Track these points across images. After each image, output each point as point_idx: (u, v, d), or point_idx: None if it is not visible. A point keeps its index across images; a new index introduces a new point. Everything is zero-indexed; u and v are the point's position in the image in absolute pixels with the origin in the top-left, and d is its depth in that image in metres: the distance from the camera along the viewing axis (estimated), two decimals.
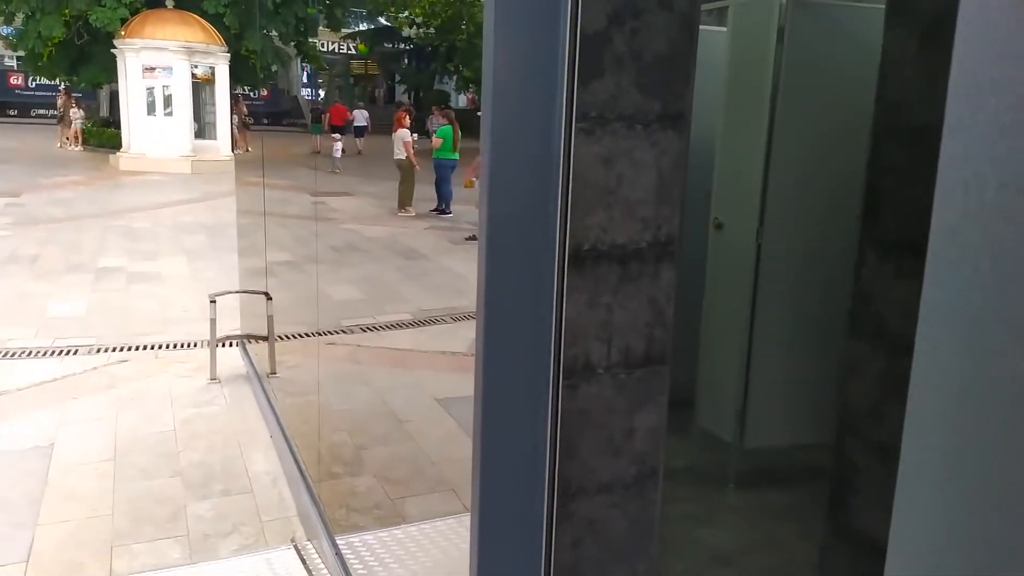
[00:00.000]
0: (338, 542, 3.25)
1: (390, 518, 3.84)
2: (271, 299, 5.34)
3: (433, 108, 22.97)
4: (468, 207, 13.71)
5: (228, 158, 17.96)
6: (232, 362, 5.65)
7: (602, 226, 1.90)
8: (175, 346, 6.07)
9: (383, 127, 21.37)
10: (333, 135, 21.23)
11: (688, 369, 3.51)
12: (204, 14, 17.46)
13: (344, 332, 6.38)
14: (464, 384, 5.14)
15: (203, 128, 18.01)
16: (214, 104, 17.88)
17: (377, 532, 3.53)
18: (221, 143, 18.08)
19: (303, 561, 3.29)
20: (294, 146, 19.42)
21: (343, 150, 21.03)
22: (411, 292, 7.89)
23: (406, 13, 28.58)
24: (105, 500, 3.76)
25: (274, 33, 20.24)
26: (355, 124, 25.98)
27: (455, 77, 31.81)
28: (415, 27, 30.45)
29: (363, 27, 34.90)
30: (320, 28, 26.26)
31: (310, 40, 23.06)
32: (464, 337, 6.41)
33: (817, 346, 3.31)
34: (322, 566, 3.27)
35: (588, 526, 2.05)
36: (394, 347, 6.08)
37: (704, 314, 3.44)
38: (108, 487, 3.88)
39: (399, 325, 6.65)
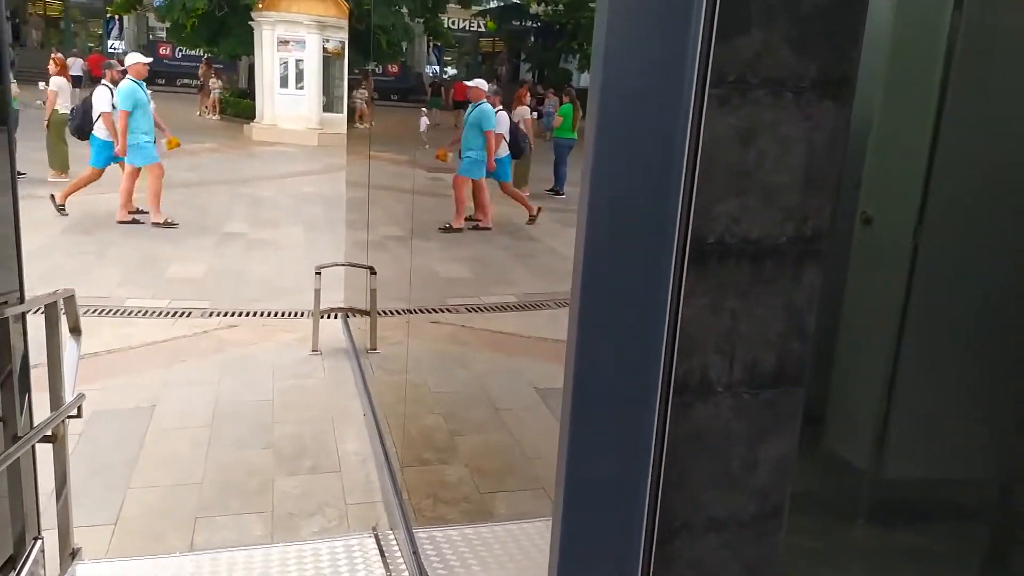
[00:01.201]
0: (419, 535, 3.06)
1: (478, 513, 3.63)
2: (375, 273, 5.23)
3: (550, 91, 22.82)
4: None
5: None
6: (335, 335, 5.59)
7: (733, 215, 1.57)
8: (283, 314, 6.10)
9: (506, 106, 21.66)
10: (422, 108, 21.27)
11: (819, 380, 3.10)
12: None
13: (449, 311, 6.23)
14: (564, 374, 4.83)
15: (331, 102, 18.39)
16: (343, 78, 18.21)
17: (463, 528, 3.33)
18: (346, 116, 18.44)
19: (381, 552, 3.13)
20: (415, 121, 19.66)
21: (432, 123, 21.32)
22: (518, 274, 7.67)
23: None
24: (197, 468, 3.73)
25: (404, 9, 20.39)
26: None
27: (578, 56, 31.38)
28: (543, 4, 30.18)
29: (493, 4, 34.97)
30: (450, 4, 26.38)
31: (439, 16, 23.12)
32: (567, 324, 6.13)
33: (980, 367, 2.83)
34: (400, 559, 3.09)
35: (694, 569, 1.74)
36: (497, 330, 5.88)
37: (844, 319, 3.01)
38: (201, 455, 3.86)
39: (504, 308, 6.45)
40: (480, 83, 9.82)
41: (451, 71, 38.29)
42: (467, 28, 36.83)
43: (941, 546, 2.78)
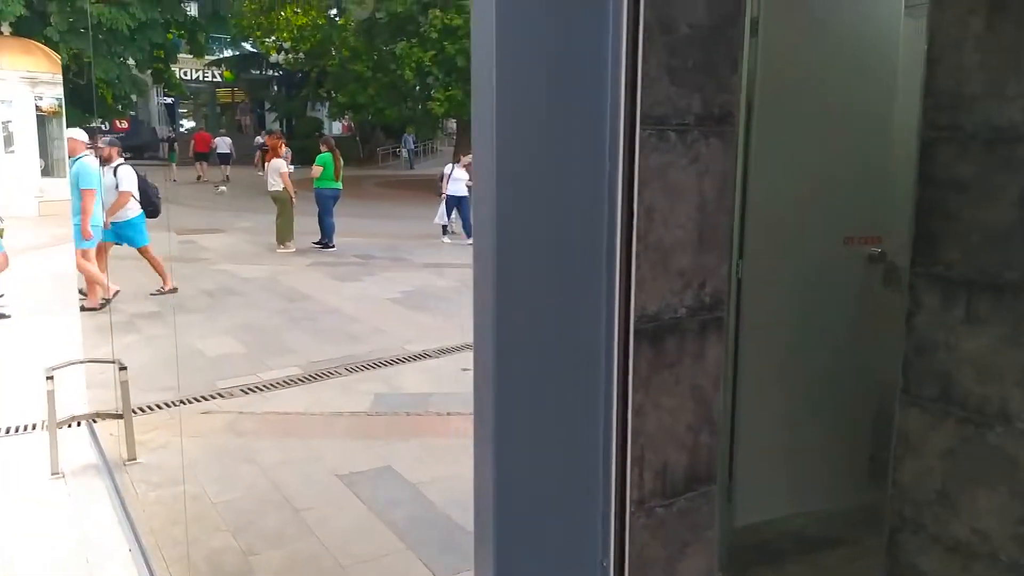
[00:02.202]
0: None
1: None
2: (124, 368, 4.37)
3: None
4: (353, 239, 12.78)
5: None
6: (82, 448, 4.61)
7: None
8: (7, 431, 4.96)
9: (250, 156, 20.29)
10: (197, 162, 19.82)
11: None
12: (48, 41, 15.81)
13: (222, 396, 5.44)
14: (370, 454, 4.30)
15: (50, 165, 16.25)
16: (62, 139, 16.16)
17: None
18: None
19: None
20: (157, 181, 17.92)
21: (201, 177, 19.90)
22: (298, 340, 6.99)
23: (273, 38, 27.35)
24: None
25: (130, 61, 18.66)
26: (219, 151, 25.03)
27: (327, 104, 30.68)
28: (283, 52, 29.19)
29: (228, 53, 33.29)
30: (181, 55, 24.65)
31: (171, 67, 21.48)
32: (365, 392, 5.59)
33: (811, 402, 2.78)
34: None
35: None
36: (283, 411, 5.20)
37: None
38: None
39: (287, 382, 5.76)
40: (76, 133, 8.47)
41: (188, 123, 35.92)
42: (201, 79, 34.80)
43: None
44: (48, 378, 4.14)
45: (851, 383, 2.89)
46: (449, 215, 13.32)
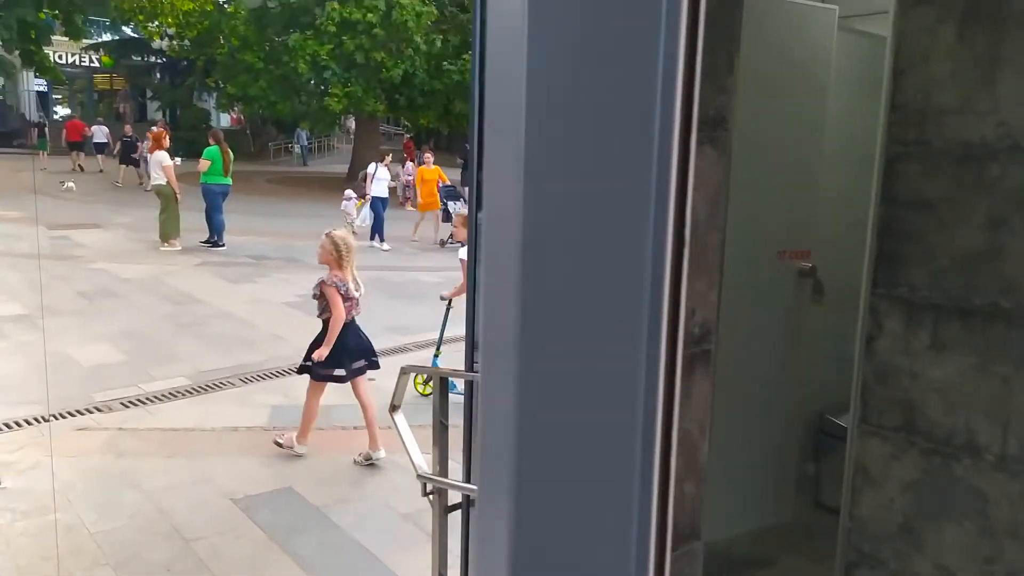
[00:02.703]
0: None
1: None
2: None
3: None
4: (244, 238, 12.15)
5: None
6: None
7: None
8: None
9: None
10: (72, 152, 18.49)
11: None
12: None
13: (99, 410, 4.96)
14: (267, 474, 3.95)
15: None
16: None
17: None
18: None
19: None
20: (25, 170, 16.59)
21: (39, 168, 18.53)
22: (186, 347, 6.50)
23: (156, 23, 25.89)
24: None
25: None
26: (95, 140, 23.58)
27: (216, 94, 29.24)
28: (167, 39, 27.67)
29: (108, 37, 31.33)
30: (55, 36, 22.91)
31: (43, 50, 19.88)
32: (260, 404, 5.22)
33: (741, 418, 2.69)
34: None
35: None
36: (169, 427, 4.77)
37: None
38: None
39: (173, 394, 5.32)
40: None
41: (63, 111, 33.61)
42: (77, 64, 32.63)
43: None
44: None
45: (780, 399, 2.83)
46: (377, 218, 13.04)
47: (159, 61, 32.03)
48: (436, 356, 5.57)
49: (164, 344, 6.54)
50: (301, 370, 4.55)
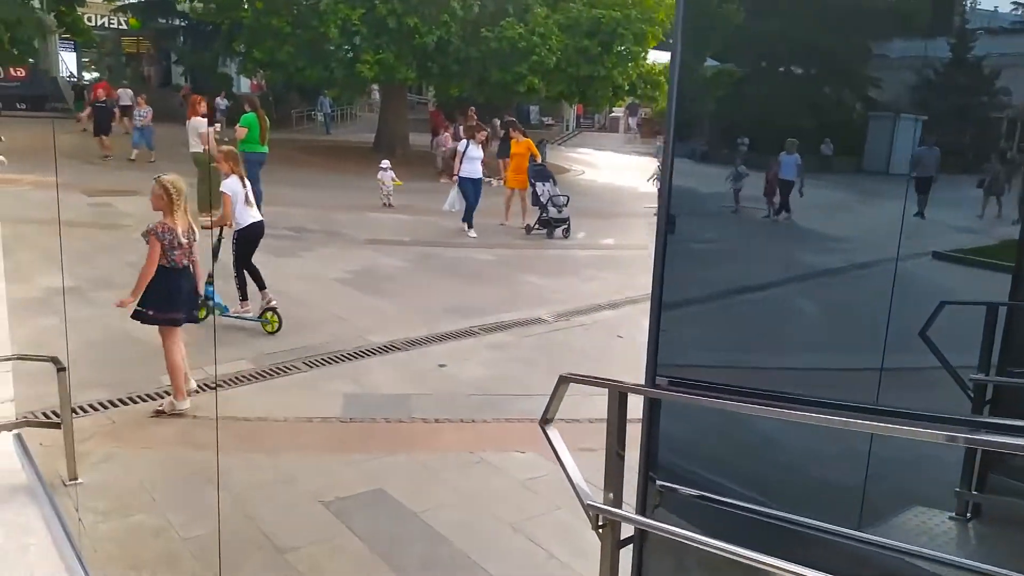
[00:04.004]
0: None
1: None
2: (63, 369, 3.66)
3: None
4: (280, 208, 11.83)
5: None
6: (7, 462, 3.86)
7: None
8: None
9: (155, 111, 18.74)
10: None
11: None
12: None
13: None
14: (354, 473, 3.65)
15: None
16: None
17: None
18: None
19: None
20: (60, 134, 16.29)
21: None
22: (243, 329, 6.26)
23: None
24: None
25: (34, 1, 16.78)
26: (121, 103, 23.67)
27: (238, 59, 28.56)
28: (191, 0, 27.10)
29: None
30: None
31: (76, 10, 19.51)
32: (331, 392, 4.98)
33: None
34: None
35: None
36: (241, 416, 4.53)
37: None
38: None
39: (239, 379, 5.10)
40: None
41: (90, 75, 33.34)
42: (106, 25, 32.23)
43: None
44: None
45: None
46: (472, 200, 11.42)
47: (183, 24, 31.51)
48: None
49: (221, 322, 6.31)
50: (135, 315, 4.64)
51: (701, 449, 2.28)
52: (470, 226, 11.10)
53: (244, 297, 6.39)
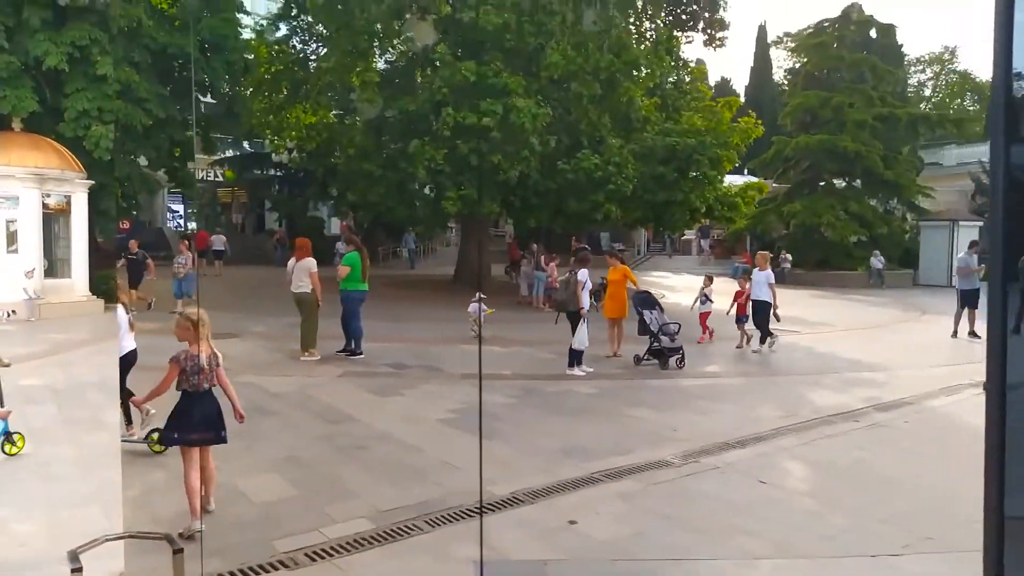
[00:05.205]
0: None
1: None
2: (180, 551, 3.36)
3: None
4: (378, 344, 11.78)
5: (85, 298, 15.37)
6: None
7: None
8: None
9: (247, 255, 19.61)
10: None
11: None
12: (60, 138, 15.19)
13: (284, 566, 4.41)
14: None
15: (54, 265, 15.37)
16: (68, 238, 15.37)
17: None
18: (77, 282, 15.45)
19: None
20: (162, 280, 17.06)
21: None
22: (355, 478, 5.96)
23: (278, 138, 27.17)
24: None
25: (141, 159, 18.03)
26: (213, 248, 26.18)
27: (331, 203, 29.91)
28: (289, 152, 28.83)
29: (230, 153, 33.04)
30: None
31: (187, 166, 20.88)
32: (460, 559, 4.56)
33: None
34: None
35: None
36: None
37: None
38: None
39: (358, 543, 4.73)
40: None
41: (192, 224, 35.56)
42: (204, 178, 34.47)
43: None
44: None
45: None
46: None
47: (278, 173, 33.41)
48: None
49: (331, 474, 6.05)
50: (161, 440, 5.57)
51: None
52: (580, 363, 10.36)
53: (130, 421, 6.61)
